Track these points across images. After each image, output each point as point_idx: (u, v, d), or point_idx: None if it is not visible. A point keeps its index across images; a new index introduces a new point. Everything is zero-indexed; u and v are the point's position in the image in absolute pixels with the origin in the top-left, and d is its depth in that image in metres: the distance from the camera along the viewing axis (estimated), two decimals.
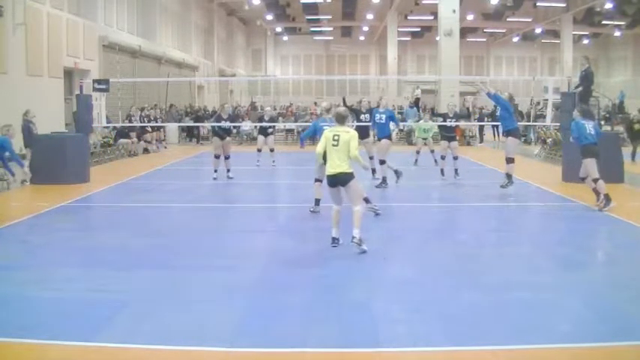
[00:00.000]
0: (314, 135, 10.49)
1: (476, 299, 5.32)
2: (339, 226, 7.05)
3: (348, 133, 6.99)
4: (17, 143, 13.53)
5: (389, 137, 12.04)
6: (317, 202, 9.14)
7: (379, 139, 11.99)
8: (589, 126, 9.64)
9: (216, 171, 13.23)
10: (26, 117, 13.68)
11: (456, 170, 13.30)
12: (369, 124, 12.50)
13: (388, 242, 7.76)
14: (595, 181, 9.46)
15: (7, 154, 11.19)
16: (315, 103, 30.44)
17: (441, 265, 6.52)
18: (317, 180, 9.10)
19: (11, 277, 6.03)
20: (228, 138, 13.67)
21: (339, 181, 6.95)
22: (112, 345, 4.29)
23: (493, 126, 25.18)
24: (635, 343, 4.33)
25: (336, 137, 6.95)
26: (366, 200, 8.23)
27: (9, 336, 4.43)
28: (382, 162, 11.81)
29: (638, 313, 4.98)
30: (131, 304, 5.18)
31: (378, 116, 11.84)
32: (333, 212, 7.09)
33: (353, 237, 6.75)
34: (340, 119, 7.16)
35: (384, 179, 11.84)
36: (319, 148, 7.25)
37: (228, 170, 13.41)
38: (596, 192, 9.50)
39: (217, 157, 13.26)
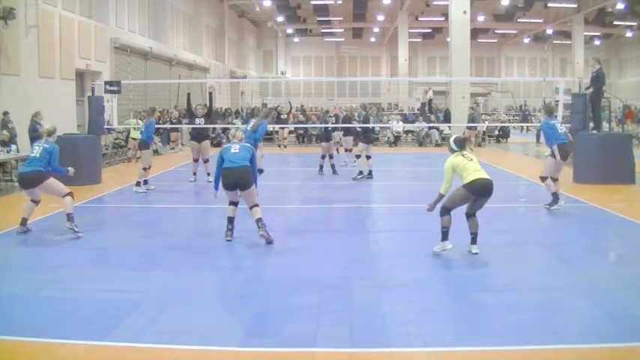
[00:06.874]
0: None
1: (485, 300, 5.32)
2: None
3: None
4: (23, 143, 13.68)
5: None
6: None
7: None
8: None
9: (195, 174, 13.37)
10: (35, 118, 13.80)
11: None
12: None
13: (397, 242, 7.78)
14: None
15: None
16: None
17: (450, 266, 6.50)
18: None
19: (23, 278, 6.09)
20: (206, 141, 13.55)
21: None
22: (123, 344, 4.33)
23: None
24: None
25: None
26: None
27: (21, 335, 4.48)
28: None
29: None
30: (142, 304, 5.22)
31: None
32: None
33: None
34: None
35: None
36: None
37: (209, 174, 12.89)
38: None
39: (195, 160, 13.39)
